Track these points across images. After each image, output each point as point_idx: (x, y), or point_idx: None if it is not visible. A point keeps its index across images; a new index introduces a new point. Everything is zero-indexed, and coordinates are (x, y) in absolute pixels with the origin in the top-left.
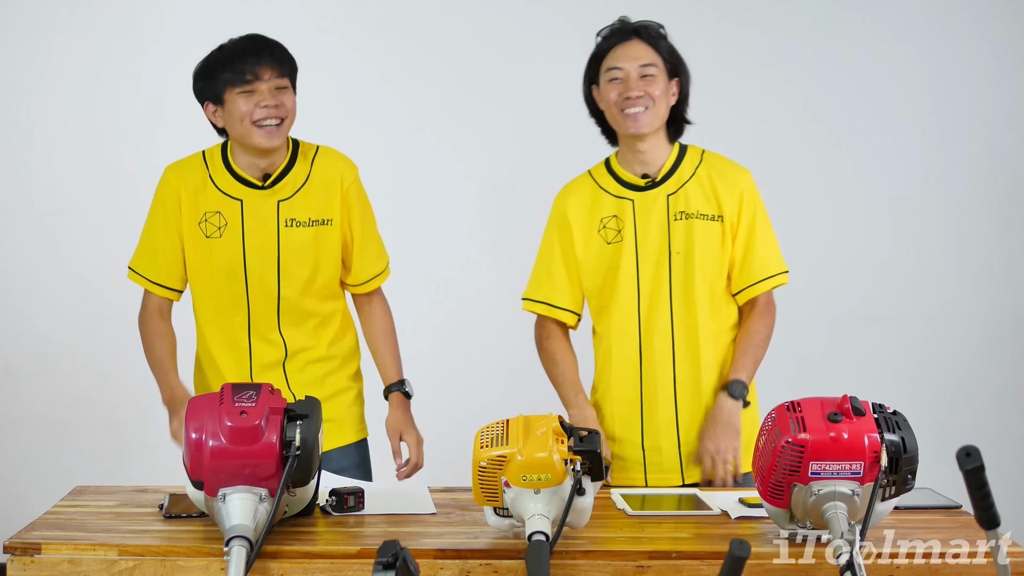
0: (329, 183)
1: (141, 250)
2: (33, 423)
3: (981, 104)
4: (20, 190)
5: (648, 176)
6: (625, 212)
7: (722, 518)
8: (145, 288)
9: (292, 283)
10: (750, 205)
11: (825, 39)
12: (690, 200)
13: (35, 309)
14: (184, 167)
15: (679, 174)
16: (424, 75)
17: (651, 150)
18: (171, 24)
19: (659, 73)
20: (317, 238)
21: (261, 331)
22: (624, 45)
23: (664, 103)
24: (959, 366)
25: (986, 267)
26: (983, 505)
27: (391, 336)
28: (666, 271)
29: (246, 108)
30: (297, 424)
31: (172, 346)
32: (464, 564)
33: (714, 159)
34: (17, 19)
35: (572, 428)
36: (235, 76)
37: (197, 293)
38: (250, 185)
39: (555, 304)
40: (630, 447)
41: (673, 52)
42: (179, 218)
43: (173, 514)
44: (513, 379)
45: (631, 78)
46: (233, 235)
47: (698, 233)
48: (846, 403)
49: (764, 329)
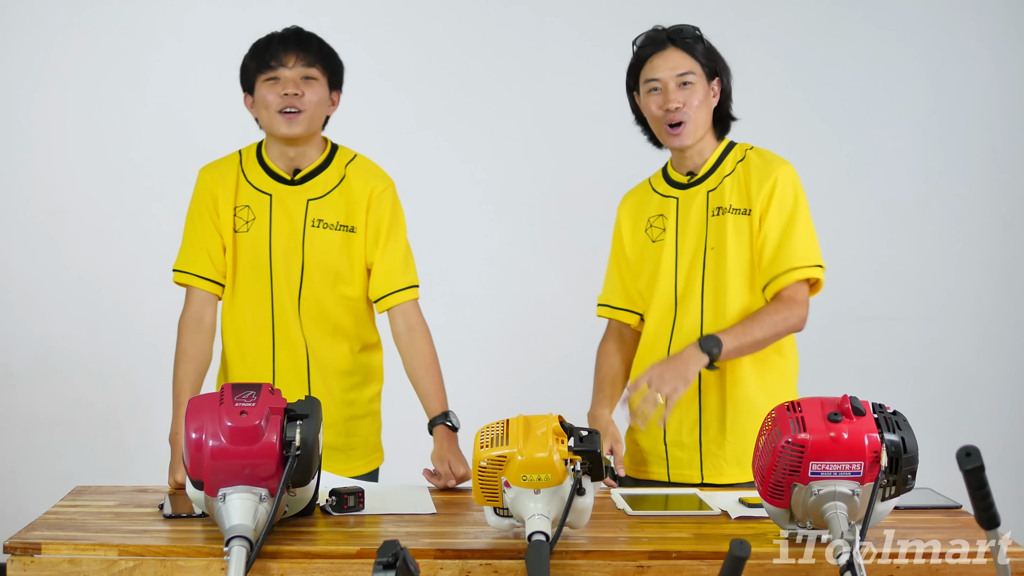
0: (359, 191)
1: (184, 250)
2: (33, 423)
3: (981, 104)
4: (20, 190)
5: (692, 173)
6: (670, 210)
7: (722, 518)
8: (190, 286)
9: (314, 283)
10: (781, 197)
11: (826, 39)
12: (726, 195)
13: (35, 310)
14: (218, 166)
15: (720, 170)
16: (423, 76)
17: (696, 152)
18: (171, 24)
19: (697, 80)
20: (343, 243)
21: (286, 334)
22: (660, 55)
23: (703, 111)
24: (959, 366)
25: (986, 267)
26: (983, 505)
27: (433, 364)
28: (700, 266)
29: (270, 96)
30: (297, 424)
31: (198, 370)
32: (464, 564)
33: (756, 154)
34: (17, 19)
35: (572, 428)
36: (261, 64)
37: (225, 292)
38: (280, 180)
39: (612, 305)
40: (653, 441)
41: (710, 53)
42: (216, 217)
43: (173, 514)
44: (513, 379)
45: (669, 88)
46: (260, 229)
47: (730, 228)
48: (846, 403)
49: (773, 315)
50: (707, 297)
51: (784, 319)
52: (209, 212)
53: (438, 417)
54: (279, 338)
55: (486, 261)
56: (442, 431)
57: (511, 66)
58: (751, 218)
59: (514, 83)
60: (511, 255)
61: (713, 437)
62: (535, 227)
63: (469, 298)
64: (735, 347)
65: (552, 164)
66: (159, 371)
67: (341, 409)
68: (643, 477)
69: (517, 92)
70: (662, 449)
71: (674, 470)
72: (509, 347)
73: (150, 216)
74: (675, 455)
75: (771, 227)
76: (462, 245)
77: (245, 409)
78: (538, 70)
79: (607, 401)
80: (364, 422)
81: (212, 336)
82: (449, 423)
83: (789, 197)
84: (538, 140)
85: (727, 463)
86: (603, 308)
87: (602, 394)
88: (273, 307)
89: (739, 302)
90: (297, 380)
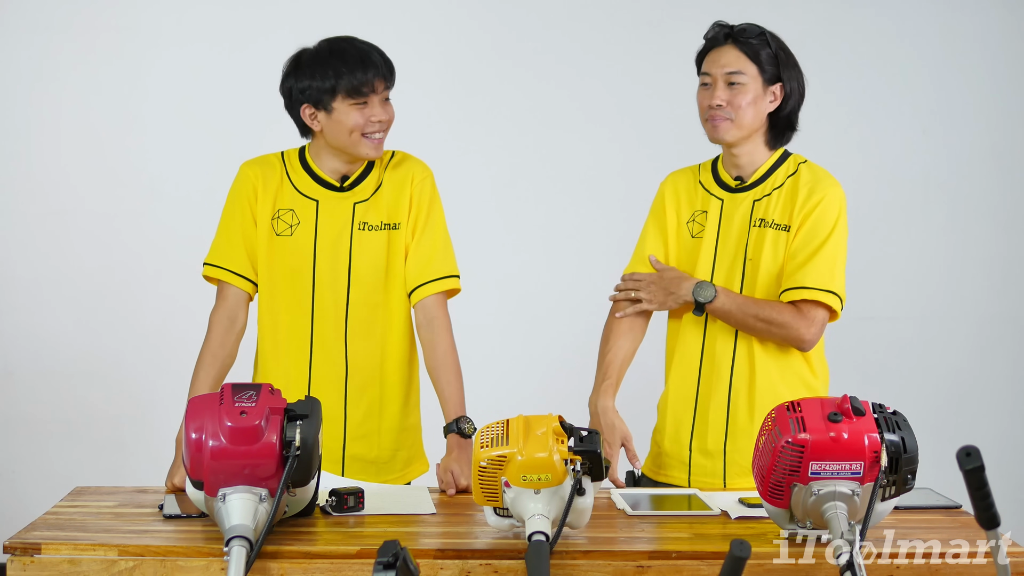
0: (401, 184)
1: (219, 243)
2: (33, 423)
3: (981, 104)
4: (20, 190)
5: (740, 179)
6: (713, 210)
7: (722, 518)
8: (224, 282)
9: (363, 288)
10: (821, 216)
11: (826, 39)
12: (771, 208)
13: (35, 310)
14: (262, 162)
15: (771, 181)
16: (423, 75)
17: (744, 155)
18: (171, 24)
19: (749, 81)
20: (389, 243)
21: (324, 340)
22: (717, 51)
23: (752, 112)
24: (959, 366)
25: (986, 267)
26: (983, 505)
27: (448, 363)
28: (739, 275)
29: (358, 120)
30: (297, 424)
31: (220, 372)
32: (464, 564)
33: (808, 169)
34: (17, 19)
35: (572, 428)
36: (352, 88)
37: (261, 296)
38: (328, 187)
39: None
40: (678, 446)
41: (775, 57)
42: (255, 212)
43: (173, 514)
44: (513, 379)
45: (717, 85)
46: (305, 235)
47: (768, 242)
48: (846, 403)
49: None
50: None
51: (788, 320)
52: (249, 207)
53: (452, 423)
54: (317, 347)
55: (488, 260)
56: (452, 439)
57: (512, 67)
58: (789, 234)
59: (516, 84)
60: (513, 255)
61: (739, 447)
62: (536, 227)
63: (469, 297)
64: (727, 308)
65: (555, 163)
66: (159, 371)
67: (381, 420)
68: (663, 480)
69: (525, 88)
70: (686, 455)
71: (696, 477)
72: (509, 347)
73: (150, 216)
74: (698, 462)
75: (802, 243)
76: (462, 245)
77: (245, 409)
78: (539, 72)
79: (612, 390)
80: (405, 435)
81: (240, 338)
82: (460, 429)
83: (830, 219)
84: (540, 138)
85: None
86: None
87: (608, 381)
88: (313, 315)
89: None
90: (334, 389)
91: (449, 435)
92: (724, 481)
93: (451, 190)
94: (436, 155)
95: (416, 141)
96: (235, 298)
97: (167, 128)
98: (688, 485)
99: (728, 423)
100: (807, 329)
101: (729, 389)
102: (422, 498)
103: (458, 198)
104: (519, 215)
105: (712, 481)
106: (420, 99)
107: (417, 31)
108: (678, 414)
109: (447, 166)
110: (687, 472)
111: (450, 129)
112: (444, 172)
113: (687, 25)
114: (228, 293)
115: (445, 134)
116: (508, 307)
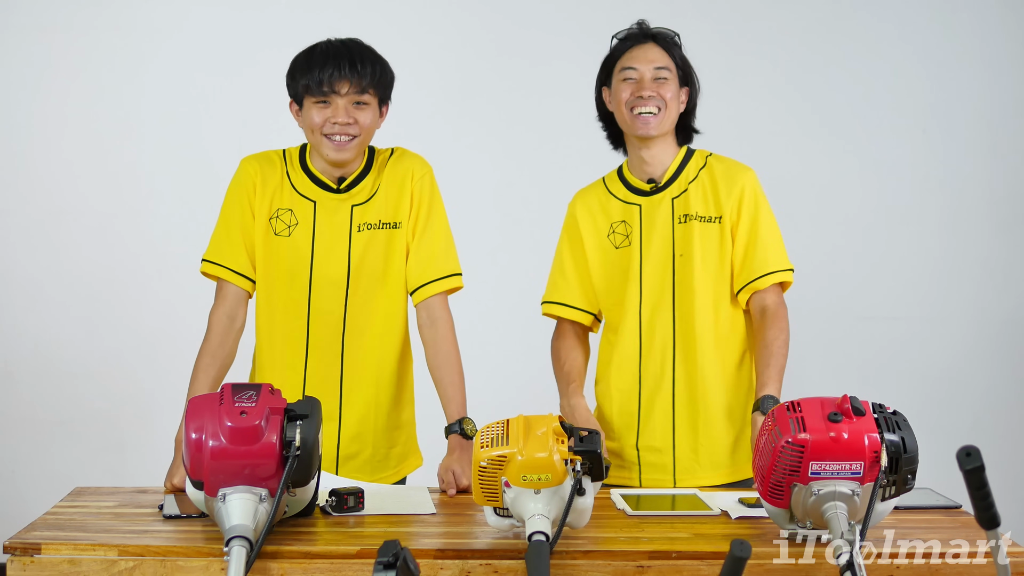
0: (400, 181)
1: (217, 240)
2: (33, 423)
3: (980, 104)
4: (20, 190)
5: (653, 181)
6: (633, 217)
7: (722, 518)
8: (223, 280)
9: (361, 290)
10: (750, 204)
11: (826, 39)
12: (691, 203)
13: (35, 310)
14: (263, 159)
15: (683, 177)
16: (424, 74)
17: (657, 155)
18: (171, 24)
19: (672, 78)
20: (389, 241)
21: (320, 341)
22: (640, 47)
23: (675, 107)
24: (959, 366)
25: (985, 267)
26: (983, 505)
27: (449, 363)
28: (670, 274)
29: (319, 120)
30: (297, 424)
31: (220, 372)
32: (464, 564)
33: (718, 161)
34: (17, 19)
35: (572, 428)
36: (312, 86)
37: (259, 295)
38: (325, 188)
39: (568, 304)
40: (626, 446)
41: (686, 61)
42: (254, 207)
43: (173, 514)
44: (513, 379)
45: (645, 79)
46: (303, 235)
47: (698, 236)
48: (846, 403)
49: (780, 335)
50: (678, 304)
51: (782, 331)
52: (248, 202)
53: (453, 424)
54: (312, 347)
55: (487, 262)
56: (454, 440)
57: (512, 68)
58: (721, 226)
59: (515, 86)
60: (513, 255)
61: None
62: (536, 228)
63: (469, 298)
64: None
65: (554, 166)
66: (159, 371)
67: (376, 419)
68: (615, 483)
69: (525, 87)
70: (635, 455)
71: (646, 475)
72: (509, 347)
73: (150, 216)
74: (647, 460)
75: (742, 233)
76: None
77: (245, 409)
78: (540, 71)
79: (579, 390)
80: (399, 432)
81: (239, 336)
82: (462, 431)
83: (759, 204)
84: (537, 141)
85: (700, 467)
86: (556, 306)
87: (573, 384)
88: (309, 316)
89: (706, 309)
90: (330, 389)
91: (451, 435)
92: (674, 479)
93: (451, 188)
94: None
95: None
96: (234, 296)
97: (167, 128)
98: (639, 484)
99: (674, 418)
100: (787, 320)
101: (672, 384)
102: (422, 498)
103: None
104: (519, 214)
105: (662, 479)
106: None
107: (419, 30)
108: (623, 417)
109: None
110: (638, 472)
111: (450, 127)
112: (444, 171)
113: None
114: (227, 291)
115: (445, 132)
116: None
